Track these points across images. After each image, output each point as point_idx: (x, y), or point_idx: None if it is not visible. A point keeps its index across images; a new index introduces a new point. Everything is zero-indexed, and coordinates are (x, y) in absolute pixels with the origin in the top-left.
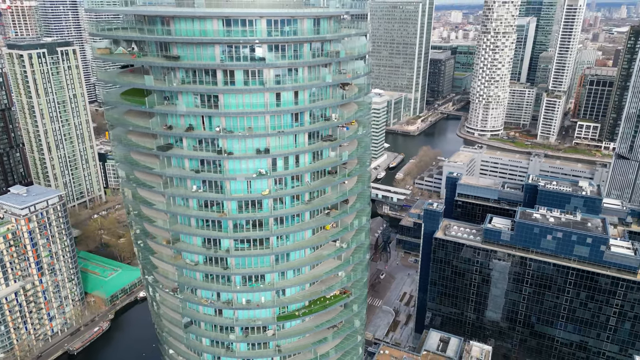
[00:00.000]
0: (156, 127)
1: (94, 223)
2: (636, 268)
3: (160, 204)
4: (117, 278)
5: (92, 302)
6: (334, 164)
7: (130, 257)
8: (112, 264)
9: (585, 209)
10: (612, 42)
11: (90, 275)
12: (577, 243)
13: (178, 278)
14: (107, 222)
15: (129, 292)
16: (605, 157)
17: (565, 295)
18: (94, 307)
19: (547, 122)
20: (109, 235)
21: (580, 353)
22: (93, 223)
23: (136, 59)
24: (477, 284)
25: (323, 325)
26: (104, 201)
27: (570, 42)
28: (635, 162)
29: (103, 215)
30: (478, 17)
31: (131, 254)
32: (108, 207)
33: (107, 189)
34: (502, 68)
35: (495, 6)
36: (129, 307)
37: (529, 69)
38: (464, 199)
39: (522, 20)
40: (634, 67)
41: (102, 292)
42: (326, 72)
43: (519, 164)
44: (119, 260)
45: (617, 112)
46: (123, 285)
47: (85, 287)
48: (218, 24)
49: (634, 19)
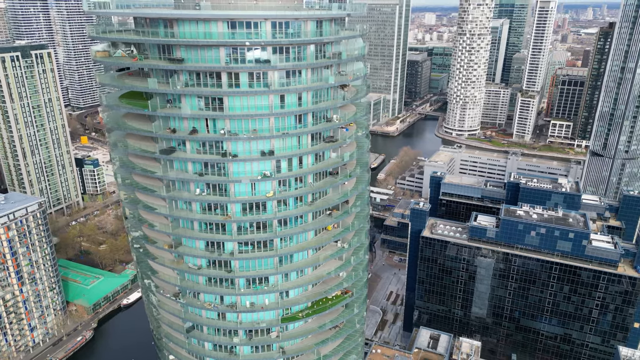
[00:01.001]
0: (159, 130)
1: (73, 230)
2: (616, 261)
3: (161, 207)
4: (99, 286)
5: (74, 311)
6: (336, 165)
7: (112, 264)
8: (94, 272)
9: (565, 205)
10: (580, 43)
11: (71, 283)
12: (560, 238)
13: (180, 282)
14: (86, 229)
15: (111, 299)
16: (578, 154)
17: (549, 289)
18: (76, 316)
19: (522, 121)
20: (89, 242)
21: (565, 345)
22: (72, 230)
23: (137, 62)
24: (464, 281)
25: (326, 326)
26: (82, 207)
27: (542, 43)
28: (609, 159)
29: (82, 222)
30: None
31: (113, 260)
32: (86, 214)
33: (84, 195)
34: (478, 69)
35: (471, 8)
36: (112, 315)
37: (503, 70)
38: (448, 198)
39: (496, 22)
40: (603, 67)
41: (84, 301)
42: (329, 74)
43: (497, 163)
44: (100, 268)
45: (589, 110)
46: (105, 293)
47: (66, 296)
48: (223, 26)
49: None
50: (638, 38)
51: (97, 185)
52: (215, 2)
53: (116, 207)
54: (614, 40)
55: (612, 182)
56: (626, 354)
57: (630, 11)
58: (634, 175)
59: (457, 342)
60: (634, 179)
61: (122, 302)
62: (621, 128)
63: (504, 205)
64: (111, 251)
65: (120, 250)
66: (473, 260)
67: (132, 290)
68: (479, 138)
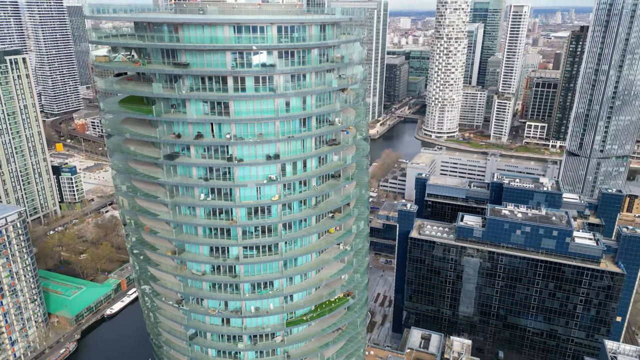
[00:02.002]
0: (163, 135)
1: (51, 240)
2: (599, 258)
3: (164, 214)
4: (82, 296)
5: (56, 322)
6: (338, 167)
7: (94, 273)
8: (75, 282)
9: (547, 203)
10: (550, 47)
11: (52, 294)
12: (544, 236)
13: (183, 289)
14: (65, 238)
15: (94, 310)
16: (553, 154)
17: (534, 286)
18: (58, 327)
19: (499, 122)
20: (69, 251)
21: (551, 341)
22: (50, 240)
23: (141, 67)
24: (452, 281)
25: (329, 329)
26: (59, 216)
27: (516, 46)
28: (585, 159)
29: (60, 231)
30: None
31: (94, 270)
32: (65, 223)
33: (62, 204)
34: (456, 72)
35: (447, 12)
36: (95, 325)
37: (478, 73)
38: (434, 199)
39: (471, 27)
40: (576, 69)
41: (67, 312)
42: (332, 77)
43: (477, 164)
44: (81, 278)
45: (562, 112)
46: (88, 303)
47: (48, 307)
48: (229, 30)
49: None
50: (610, 41)
51: (75, 194)
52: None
53: (96, 215)
54: (588, 43)
55: (589, 180)
56: (611, 347)
57: (602, 15)
58: (608, 174)
59: (448, 341)
60: (609, 177)
61: (105, 312)
62: (596, 128)
63: (489, 205)
64: (92, 260)
65: (102, 259)
66: (460, 260)
67: (116, 300)
68: (457, 140)
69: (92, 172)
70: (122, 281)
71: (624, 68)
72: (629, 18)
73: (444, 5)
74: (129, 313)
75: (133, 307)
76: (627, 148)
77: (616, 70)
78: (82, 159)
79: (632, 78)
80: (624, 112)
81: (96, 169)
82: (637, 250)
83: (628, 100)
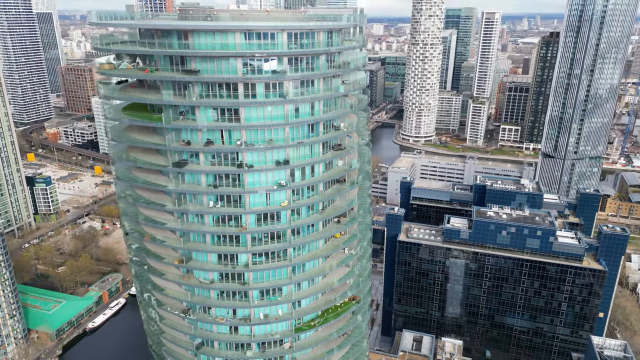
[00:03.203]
0: (172, 142)
1: (27, 253)
2: (582, 256)
3: (171, 222)
4: (62, 310)
5: (36, 338)
6: (344, 172)
7: (74, 286)
8: (54, 296)
9: (528, 204)
10: (519, 52)
11: (31, 309)
12: (529, 236)
13: (190, 298)
14: (42, 250)
15: (75, 324)
16: (527, 156)
17: (521, 285)
18: (38, 343)
19: (475, 126)
20: (46, 265)
21: (537, 339)
22: (26, 253)
23: (149, 74)
24: (441, 282)
25: (336, 334)
26: (34, 228)
27: (489, 52)
28: (560, 160)
29: (35, 243)
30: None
31: (74, 283)
32: (40, 235)
33: (36, 215)
34: (432, 77)
35: (422, 19)
36: (77, 340)
37: (452, 78)
38: (419, 202)
39: (445, 33)
40: (546, 74)
41: (47, 327)
42: (338, 83)
43: (456, 167)
44: (60, 291)
45: (535, 115)
46: (69, 317)
47: (27, 322)
48: (240, 37)
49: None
50: (582, 46)
51: (50, 205)
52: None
53: (72, 227)
54: (560, 48)
55: (564, 181)
56: (598, 342)
57: (573, 21)
58: (583, 174)
59: (439, 342)
60: (583, 178)
61: (87, 326)
62: (570, 131)
63: (475, 207)
64: (72, 273)
65: (82, 271)
66: (448, 262)
67: (98, 313)
68: (435, 144)
69: (66, 183)
70: (104, 293)
71: (595, 72)
72: (598, 24)
73: (419, 12)
74: (112, 326)
75: (116, 319)
76: (599, 149)
77: (588, 74)
78: (55, 169)
79: (603, 82)
80: (596, 115)
81: (70, 179)
82: (617, 248)
83: (599, 103)
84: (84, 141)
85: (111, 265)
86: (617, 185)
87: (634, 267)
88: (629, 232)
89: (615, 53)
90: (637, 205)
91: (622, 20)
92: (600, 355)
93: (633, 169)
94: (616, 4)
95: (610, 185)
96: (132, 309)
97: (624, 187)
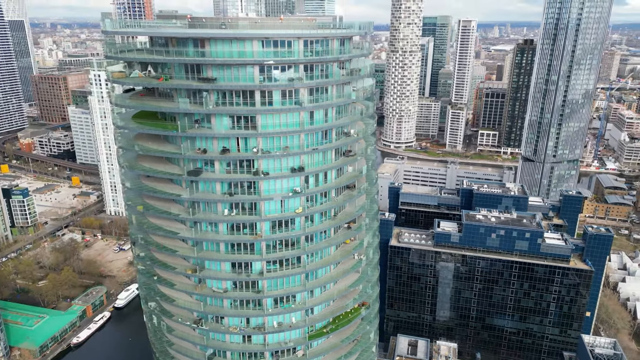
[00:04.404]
0: (187, 151)
1: (6, 267)
2: (568, 256)
3: (184, 231)
4: (45, 325)
5: (19, 355)
6: (354, 178)
7: (55, 300)
8: (36, 311)
9: (514, 207)
10: (492, 59)
11: (12, 326)
12: (518, 238)
13: (203, 308)
14: (21, 265)
15: (59, 339)
16: (505, 160)
17: (510, 287)
18: None
19: (454, 131)
20: (25, 279)
21: (527, 339)
22: (4, 267)
23: (164, 82)
24: (432, 286)
25: (347, 340)
26: (11, 242)
27: (467, 59)
28: (540, 164)
29: (13, 257)
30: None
31: (56, 297)
32: (18, 248)
33: (13, 229)
34: (411, 84)
35: (401, 27)
36: (61, 356)
37: (430, 84)
38: (407, 207)
39: (423, 40)
40: (522, 80)
41: (30, 343)
42: (350, 90)
43: (438, 172)
44: (42, 306)
45: (512, 120)
46: (53, 333)
47: (8, 339)
48: (258, 45)
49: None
50: (558, 53)
51: (28, 217)
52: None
53: (52, 239)
54: (537, 55)
55: (544, 184)
56: (589, 341)
57: (550, 29)
58: (562, 177)
59: (434, 346)
60: (562, 181)
61: (71, 341)
62: (548, 135)
63: (464, 211)
64: (54, 287)
65: (64, 285)
66: (440, 266)
67: (82, 327)
68: (415, 149)
69: (42, 194)
70: (88, 307)
71: (572, 78)
72: (574, 32)
73: (397, 20)
74: (97, 341)
75: (101, 334)
76: (576, 152)
77: (564, 80)
78: (30, 180)
79: (579, 87)
80: (573, 119)
81: (47, 190)
82: (602, 248)
83: (576, 108)
84: (60, 151)
85: (94, 278)
86: (592, 187)
87: (614, 267)
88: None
89: (590, 59)
90: (613, 206)
91: (595, 27)
92: (592, 353)
93: (607, 172)
94: (590, 12)
95: (585, 187)
96: (118, 322)
97: (600, 188)
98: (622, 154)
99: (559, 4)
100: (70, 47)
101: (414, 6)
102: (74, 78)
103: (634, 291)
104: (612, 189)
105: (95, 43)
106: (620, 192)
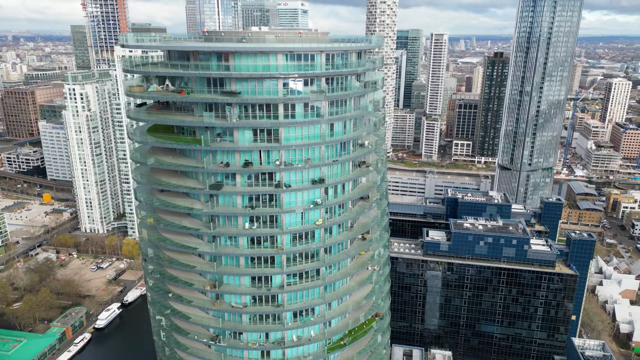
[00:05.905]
0: (209, 165)
1: None
2: (554, 262)
3: (202, 246)
4: (23, 350)
5: None
6: (369, 189)
7: (32, 323)
8: (12, 335)
9: (498, 215)
10: (460, 71)
11: None
12: (505, 245)
13: (221, 324)
14: None
15: None
16: (480, 169)
17: (499, 294)
18: None
19: (429, 142)
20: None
21: (516, 344)
22: None
23: (186, 96)
24: (423, 295)
25: (364, 352)
26: None
27: (439, 71)
28: (516, 172)
29: None
30: None
31: (32, 319)
32: None
33: None
34: (387, 96)
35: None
36: None
37: (404, 96)
38: (394, 217)
39: (396, 53)
40: (493, 91)
41: None
42: (366, 102)
43: (417, 181)
44: (18, 329)
45: (485, 130)
46: (31, 357)
47: None
48: (282, 58)
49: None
50: (531, 65)
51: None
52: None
53: (25, 259)
54: (510, 67)
55: (520, 192)
56: (579, 343)
57: (522, 42)
58: (537, 185)
59: (429, 354)
60: (538, 188)
61: None
62: (524, 144)
63: (452, 220)
64: (30, 309)
65: (41, 306)
66: (430, 274)
67: (62, 350)
68: (392, 160)
69: (12, 212)
70: (67, 329)
71: (544, 89)
72: (545, 45)
73: (373, 33)
74: None
75: (81, 356)
76: (550, 161)
77: (538, 91)
78: (0, 199)
79: (551, 98)
80: (547, 129)
81: (17, 208)
82: (585, 253)
83: (549, 118)
84: (30, 167)
85: (72, 298)
86: (562, 194)
87: (592, 271)
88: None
89: (561, 71)
90: (585, 212)
91: (565, 41)
92: (583, 355)
93: (576, 179)
94: (560, 26)
95: (557, 194)
96: (99, 344)
97: (572, 195)
98: (589, 161)
99: (531, 18)
100: (35, 61)
101: (388, 20)
102: (42, 92)
103: (611, 294)
104: (584, 195)
105: (61, 57)
106: (591, 198)
